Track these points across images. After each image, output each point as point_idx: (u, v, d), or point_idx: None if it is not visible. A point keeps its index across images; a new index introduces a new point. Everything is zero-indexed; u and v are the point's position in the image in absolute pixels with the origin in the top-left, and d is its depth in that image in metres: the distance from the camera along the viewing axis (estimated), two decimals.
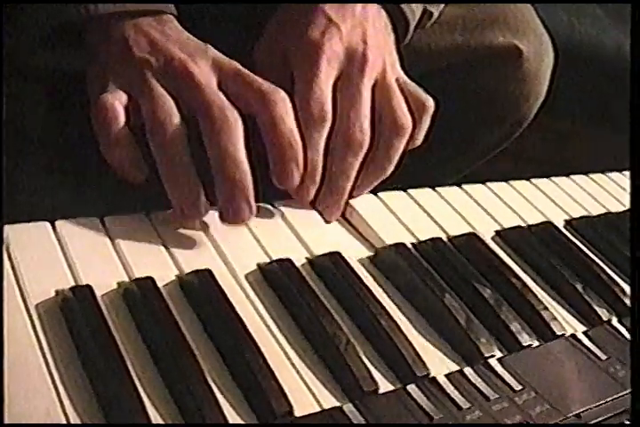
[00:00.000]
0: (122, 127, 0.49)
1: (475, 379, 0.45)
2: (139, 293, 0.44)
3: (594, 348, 0.50)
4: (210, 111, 0.49)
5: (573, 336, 0.51)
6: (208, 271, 0.46)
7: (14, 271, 0.44)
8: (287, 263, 0.49)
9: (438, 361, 0.46)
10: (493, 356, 0.47)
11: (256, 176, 0.50)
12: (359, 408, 0.41)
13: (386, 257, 0.53)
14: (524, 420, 0.43)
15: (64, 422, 0.37)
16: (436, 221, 0.59)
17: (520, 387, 0.45)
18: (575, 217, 0.65)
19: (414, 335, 0.47)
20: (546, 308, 0.51)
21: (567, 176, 0.71)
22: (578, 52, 1.08)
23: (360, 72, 0.55)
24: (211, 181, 0.50)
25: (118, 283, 0.45)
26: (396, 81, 0.57)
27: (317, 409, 0.41)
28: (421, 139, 0.59)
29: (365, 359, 0.44)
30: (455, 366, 0.46)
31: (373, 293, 0.49)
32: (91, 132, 0.50)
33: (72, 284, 0.44)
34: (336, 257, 0.51)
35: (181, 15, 0.55)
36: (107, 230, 0.49)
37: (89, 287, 0.43)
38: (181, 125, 0.49)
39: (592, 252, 0.61)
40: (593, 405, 0.45)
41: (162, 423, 0.38)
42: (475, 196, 0.64)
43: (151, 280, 0.45)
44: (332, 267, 0.50)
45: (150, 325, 0.42)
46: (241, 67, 0.53)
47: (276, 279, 0.48)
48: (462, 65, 0.73)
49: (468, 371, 0.46)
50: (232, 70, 0.52)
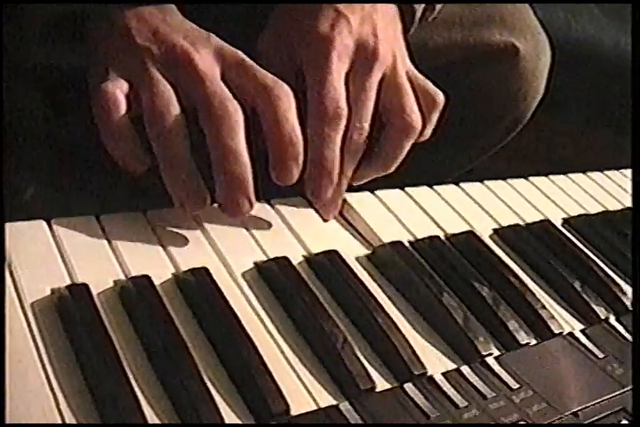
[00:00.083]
0: (122, 116, 0.48)
1: (472, 377, 0.45)
2: (135, 291, 0.44)
3: (591, 346, 0.50)
4: (210, 103, 0.48)
5: (571, 335, 0.51)
6: (204, 269, 0.46)
7: (10, 270, 0.44)
8: (284, 261, 0.49)
9: (435, 359, 0.46)
10: (491, 354, 0.47)
11: (256, 171, 0.49)
12: (356, 407, 0.41)
13: (383, 255, 0.53)
14: (522, 418, 0.43)
15: (59, 421, 0.37)
16: (434, 219, 0.59)
17: (517, 385, 0.45)
18: (573, 215, 0.65)
19: (411, 334, 0.47)
20: (543, 306, 0.51)
21: (565, 174, 0.71)
22: (575, 51, 1.08)
23: (369, 67, 0.54)
24: (212, 173, 0.49)
25: (114, 281, 0.45)
26: (406, 74, 0.56)
27: (314, 408, 0.41)
28: (430, 133, 0.58)
29: (362, 358, 0.44)
30: (452, 364, 0.46)
31: (371, 291, 0.49)
32: (89, 131, 0.50)
33: (68, 282, 0.44)
34: (333, 255, 0.51)
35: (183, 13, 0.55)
36: (103, 229, 0.49)
37: (85, 286, 0.43)
38: (180, 116, 0.49)
39: (590, 250, 0.61)
40: (590, 403, 0.45)
41: (158, 423, 0.38)
42: (472, 194, 0.64)
43: (147, 278, 0.45)
44: (330, 265, 0.50)
45: (146, 323, 0.42)
46: (245, 57, 0.52)
47: (273, 277, 0.48)
48: (459, 63, 0.73)
49: (466, 369, 0.46)
50: (235, 60, 0.51)
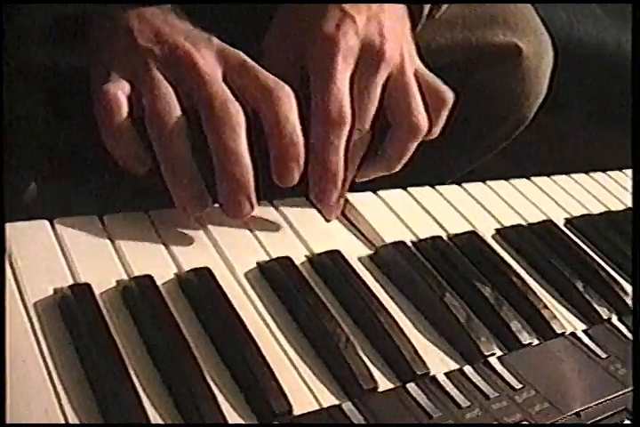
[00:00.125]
0: (124, 117, 0.48)
1: (474, 377, 0.45)
2: (137, 291, 0.44)
3: (594, 346, 0.50)
4: (212, 104, 0.48)
5: (573, 335, 0.51)
6: (207, 269, 0.46)
7: (13, 269, 0.44)
8: (287, 261, 0.49)
9: (438, 360, 0.46)
10: (493, 354, 0.47)
11: (257, 172, 0.49)
12: (358, 407, 0.41)
13: (386, 255, 0.53)
14: (524, 418, 0.43)
15: (62, 421, 0.37)
16: (437, 219, 0.59)
17: (520, 386, 0.45)
18: (575, 215, 0.65)
19: (414, 334, 0.47)
20: (546, 306, 0.51)
21: (567, 175, 0.71)
22: (577, 51, 1.08)
23: (374, 68, 0.53)
24: (214, 174, 0.49)
25: (117, 281, 0.45)
26: (415, 72, 0.56)
27: (316, 408, 0.41)
28: (438, 132, 0.57)
29: (365, 358, 0.44)
30: (455, 364, 0.46)
31: (373, 291, 0.49)
32: (90, 130, 0.50)
33: (71, 282, 0.44)
34: (336, 255, 0.51)
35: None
36: (105, 229, 0.49)
37: (88, 286, 0.43)
38: (181, 118, 0.49)
39: (592, 250, 0.61)
40: (593, 403, 0.45)
41: (160, 423, 0.38)
42: (475, 194, 0.64)
43: (150, 278, 0.45)
44: (332, 265, 0.50)
45: (149, 323, 0.42)
46: (247, 58, 0.52)
47: (276, 278, 0.48)
48: (462, 63, 0.73)
49: (468, 369, 0.46)
50: (237, 62, 0.51)
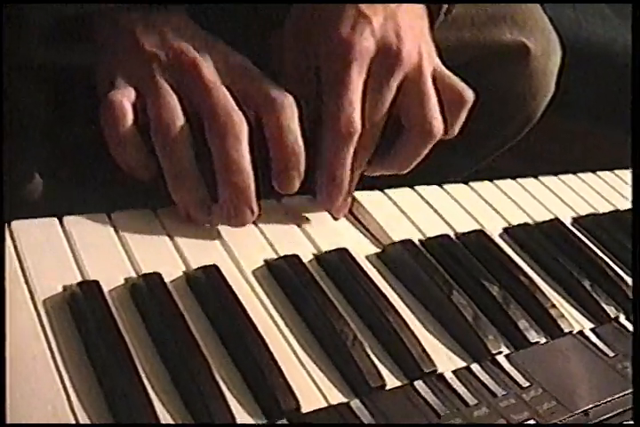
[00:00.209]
0: (130, 126, 0.49)
1: (482, 376, 0.45)
2: (146, 288, 0.44)
3: (601, 345, 0.50)
4: (215, 113, 0.49)
5: (581, 333, 0.51)
6: (215, 267, 0.46)
7: (22, 267, 0.44)
8: (294, 259, 0.49)
9: (445, 358, 0.46)
10: (501, 352, 0.47)
11: (258, 176, 0.50)
12: (366, 404, 0.41)
13: (393, 254, 0.53)
14: (532, 416, 0.43)
15: (71, 418, 0.37)
16: (444, 218, 0.59)
17: (527, 384, 0.45)
18: (583, 214, 0.65)
19: (421, 332, 0.47)
20: (553, 305, 0.51)
21: (575, 174, 0.71)
22: (585, 51, 1.08)
23: (390, 71, 0.52)
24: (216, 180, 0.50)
25: (125, 278, 0.45)
26: (433, 71, 0.55)
27: (324, 405, 0.41)
28: (457, 131, 0.57)
29: (372, 355, 0.44)
30: (462, 362, 0.46)
31: (380, 289, 0.49)
32: (93, 127, 0.50)
33: (79, 279, 0.44)
34: (343, 253, 0.51)
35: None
36: (114, 226, 0.49)
37: (96, 283, 0.43)
38: (185, 126, 0.49)
39: (599, 249, 0.61)
40: (600, 402, 0.45)
41: (164, 423, 0.37)
42: (482, 193, 0.64)
43: (158, 276, 0.45)
44: (340, 263, 0.50)
45: (157, 320, 0.42)
46: (251, 65, 0.52)
47: (283, 275, 0.48)
48: (470, 62, 0.73)
49: (476, 367, 0.46)
50: (241, 68, 0.52)
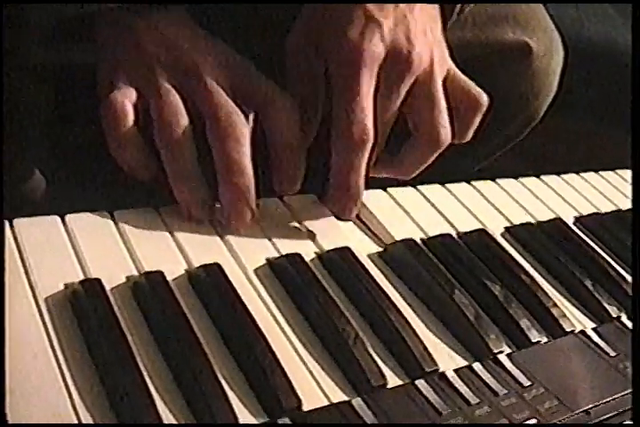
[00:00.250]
0: (130, 127, 0.49)
1: (484, 374, 0.45)
2: (148, 287, 0.44)
3: (603, 344, 0.50)
4: (216, 115, 0.49)
5: (582, 333, 0.51)
6: (217, 266, 0.47)
7: (24, 265, 0.44)
8: (296, 258, 0.49)
9: (447, 356, 0.46)
10: (502, 352, 0.47)
11: (258, 175, 0.50)
12: (368, 403, 0.41)
13: (395, 253, 0.53)
14: (533, 416, 0.43)
15: (73, 417, 0.37)
16: (446, 217, 0.59)
17: (529, 383, 0.45)
18: (585, 214, 0.65)
19: (423, 331, 0.47)
20: (555, 304, 0.51)
21: (577, 173, 0.71)
22: (588, 50, 1.08)
23: (399, 78, 0.52)
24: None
25: (127, 277, 0.45)
26: (447, 74, 0.55)
27: (326, 404, 0.41)
28: (470, 136, 0.56)
29: (374, 354, 0.44)
30: (464, 361, 0.46)
31: (382, 288, 0.49)
32: (95, 126, 0.50)
33: (81, 277, 0.44)
34: (345, 252, 0.51)
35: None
36: (116, 224, 0.49)
37: (98, 281, 0.43)
38: (188, 126, 0.49)
39: (601, 249, 0.60)
40: (602, 401, 0.45)
41: (164, 423, 0.37)
42: (485, 192, 0.64)
43: (160, 274, 0.45)
44: (342, 262, 0.50)
45: (159, 319, 0.42)
46: (252, 66, 0.52)
47: (286, 274, 0.48)
48: (472, 62, 0.72)
49: (477, 366, 0.46)
50: (241, 69, 0.52)
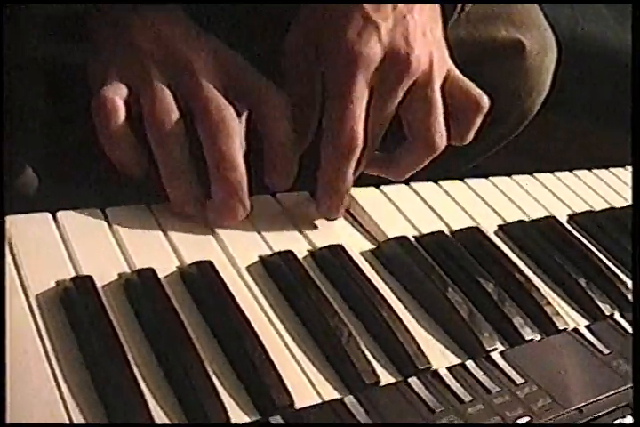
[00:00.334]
0: (122, 123, 0.49)
1: (476, 372, 0.45)
2: (139, 284, 0.44)
3: (596, 342, 0.50)
4: (207, 110, 0.49)
5: (576, 330, 0.51)
6: (209, 263, 0.46)
7: (15, 262, 0.44)
8: (289, 255, 0.49)
9: (440, 354, 0.46)
10: (495, 349, 0.47)
11: (251, 172, 0.50)
12: (360, 400, 0.41)
13: (388, 250, 0.53)
14: (526, 413, 0.43)
15: (63, 413, 0.36)
16: (439, 214, 0.59)
17: (522, 380, 0.45)
18: (578, 212, 0.65)
19: (416, 328, 0.47)
20: (548, 302, 0.51)
21: (570, 171, 0.71)
22: (582, 49, 1.08)
23: (396, 81, 0.51)
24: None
25: (119, 274, 0.45)
26: (447, 76, 0.54)
27: (318, 401, 0.41)
28: (471, 138, 0.56)
29: (367, 352, 0.43)
30: (457, 359, 0.46)
31: (375, 285, 0.48)
32: (90, 125, 0.50)
33: (73, 274, 0.44)
34: (338, 250, 0.50)
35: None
36: (108, 222, 0.49)
37: (90, 278, 0.43)
38: (180, 122, 0.49)
39: (595, 246, 0.61)
40: (595, 399, 0.45)
41: (158, 424, 0.37)
42: (478, 190, 0.64)
43: (152, 271, 0.45)
44: (334, 259, 0.50)
45: (151, 316, 0.42)
46: (245, 62, 0.52)
47: (278, 271, 0.48)
48: (465, 59, 0.72)
49: (470, 364, 0.45)
50: (234, 65, 0.52)
